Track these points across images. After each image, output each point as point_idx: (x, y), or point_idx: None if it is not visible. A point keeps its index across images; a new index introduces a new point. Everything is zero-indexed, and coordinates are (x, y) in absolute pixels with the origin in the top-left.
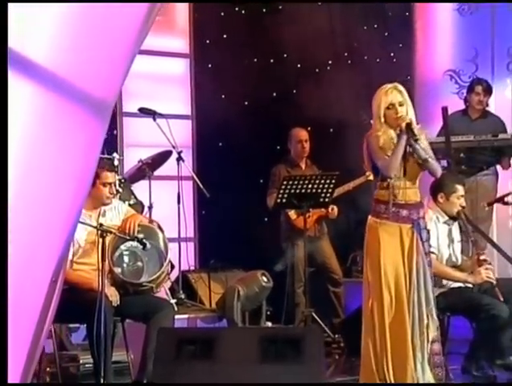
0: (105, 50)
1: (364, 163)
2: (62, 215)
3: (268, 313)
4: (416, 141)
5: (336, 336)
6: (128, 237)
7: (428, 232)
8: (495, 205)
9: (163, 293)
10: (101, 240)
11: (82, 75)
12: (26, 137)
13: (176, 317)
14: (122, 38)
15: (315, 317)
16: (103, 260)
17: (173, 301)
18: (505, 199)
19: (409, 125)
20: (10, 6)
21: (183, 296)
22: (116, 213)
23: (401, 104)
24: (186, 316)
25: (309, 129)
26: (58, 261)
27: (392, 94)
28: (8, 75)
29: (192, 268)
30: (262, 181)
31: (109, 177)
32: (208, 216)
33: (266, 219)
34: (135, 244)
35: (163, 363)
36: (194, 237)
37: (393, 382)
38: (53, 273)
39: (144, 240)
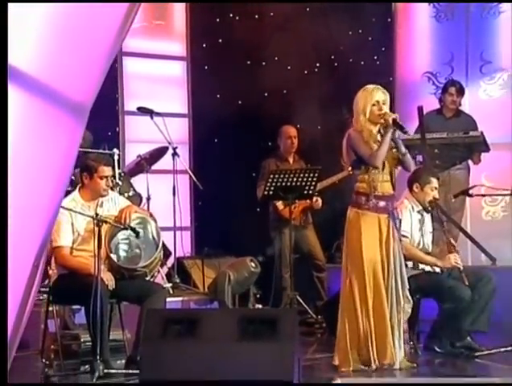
0: (84, 58)
1: (341, 157)
2: (44, 206)
3: (258, 296)
4: (406, 133)
5: (319, 317)
6: (122, 226)
7: (400, 221)
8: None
9: (159, 277)
10: (96, 228)
11: (63, 81)
12: (13, 138)
13: (171, 299)
14: (100, 46)
15: (299, 299)
16: (99, 247)
17: (169, 285)
18: (470, 192)
19: (395, 120)
20: (10, 6)
21: (178, 280)
22: (112, 204)
23: (384, 103)
24: (180, 299)
25: (298, 126)
26: (39, 248)
27: (378, 93)
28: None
29: (188, 254)
30: (254, 174)
31: (106, 171)
32: (203, 207)
33: (258, 209)
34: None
35: (151, 341)
36: (190, 226)
37: (375, 357)
38: (35, 258)
39: (137, 229)
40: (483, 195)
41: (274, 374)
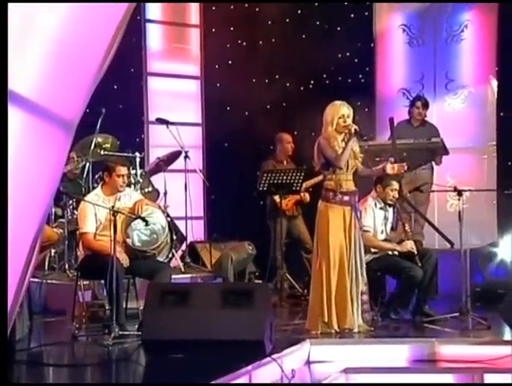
0: (74, 81)
1: (313, 160)
2: (38, 203)
3: (256, 273)
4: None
5: (305, 291)
6: (134, 216)
7: (361, 212)
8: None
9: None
10: (112, 218)
11: (56, 102)
12: (12, 150)
13: (183, 276)
14: (89, 70)
15: (289, 276)
16: (115, 232)
17: (181, 264)
18: (421, 188)
19: (356, 130)
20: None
21: (189, 260)
22: (128, 198)
23: (348, 116)
24: (190, 275)
25: (295, 133)
26: (36, 233)
27: (343, 108)
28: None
29: (199, 239)
30: (258, 173)
31: (122, 170)
32: (215, 200)
33: (261, 202)
34: (152, 219)
35: (151, 308)
36: (203, 216)
37: (335, 323)
38: (32, 241)
39: (146, 218)
40: (432, 191)
41: (248, 334)
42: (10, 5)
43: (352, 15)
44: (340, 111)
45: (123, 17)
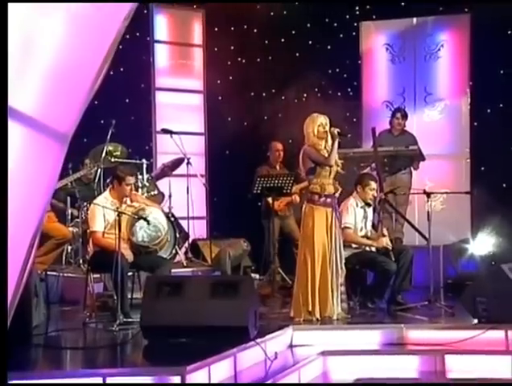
0: (69, 98)
1: (298, 168)
2: (36, 206)
3: (252, 268)
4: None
5: None
6: (136, 217)
7: (341, 213)
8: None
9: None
10: (117, 218)
11: (52, 117)
12: (12, 161)
13: (185, 269)
14: (82, 88)
15: (280, 270)
16: (119, 231)
17: (183, 258)
18: (394, 191)
19: (339, 132)
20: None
21: (191, 256)
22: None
23: (326, 124)
24: (191, 269)
25: (290, 141)
26: (33, 235)
27: (320, 118)
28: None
29: (201, 237)
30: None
31: (131, 180)
32: (217, 202)
33: (259, 203)
34: (154, 220)
35: (148, 298)
36: (206, 216)
37: (317, 312)
38: (29, 241)
39: (147, 218)
40: (404, 194)
41: (235, 321)
42: (10, 24)
43: (341, 35)
44: (317, 121)
45: (116, 36)
